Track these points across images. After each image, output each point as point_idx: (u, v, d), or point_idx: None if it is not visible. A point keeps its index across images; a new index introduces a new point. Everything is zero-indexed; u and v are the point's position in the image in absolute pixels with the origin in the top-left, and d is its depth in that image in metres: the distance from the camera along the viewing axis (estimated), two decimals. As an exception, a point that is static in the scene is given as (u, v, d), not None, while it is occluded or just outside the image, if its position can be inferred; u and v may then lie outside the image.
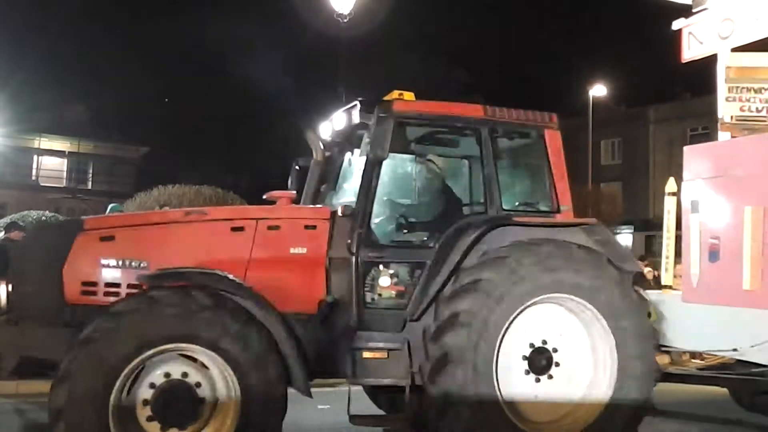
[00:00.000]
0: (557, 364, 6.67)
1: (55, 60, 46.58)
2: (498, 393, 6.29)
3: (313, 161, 7.29)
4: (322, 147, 7.31)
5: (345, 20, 18.66)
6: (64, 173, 45.97)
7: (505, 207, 7.00)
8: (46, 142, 44.65)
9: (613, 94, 44.78)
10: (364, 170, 6.63)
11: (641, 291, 8.93)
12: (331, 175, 7.46)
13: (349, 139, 7.15)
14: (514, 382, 6.53)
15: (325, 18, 21.65)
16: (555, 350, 6.73)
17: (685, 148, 8.97)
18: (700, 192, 8.66)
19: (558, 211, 7.11)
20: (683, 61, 9.40)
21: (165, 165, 40.56)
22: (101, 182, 45.91)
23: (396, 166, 7.38)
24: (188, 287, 5.67)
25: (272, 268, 6.40)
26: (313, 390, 6.13)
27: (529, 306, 6.53)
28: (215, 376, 5.81)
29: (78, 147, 44.82)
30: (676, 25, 9.58)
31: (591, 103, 42.57)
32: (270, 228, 6.50)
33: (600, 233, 6.89)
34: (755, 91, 7.97)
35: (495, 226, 6.53)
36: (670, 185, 9.19)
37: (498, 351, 6.36)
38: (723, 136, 8.91)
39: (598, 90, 42.96)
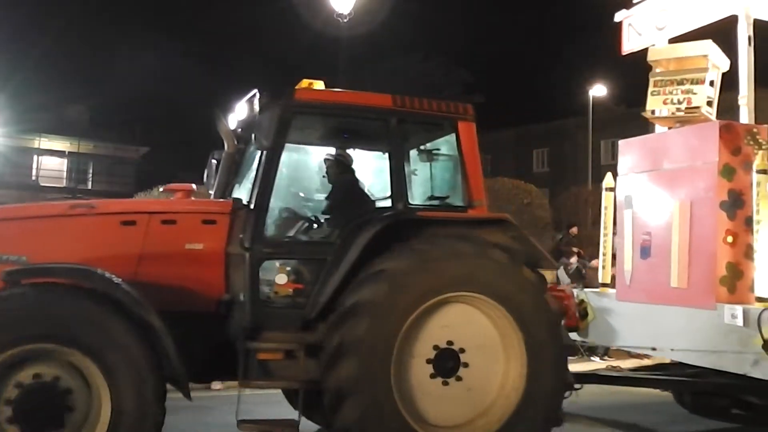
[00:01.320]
0: (465, 365, 6.31)
1: (55, 60, 46.67)
2: (394, 390, 5.97)
3: (225, 153, 7.05)
4: (233, 138, 6.99)
5: (345, 20, 18.54)
6: (64, 173, 46.06)
7: (414, 202, 6.71)
8: (46, 142, 44.74)
9: (613, 94, 44.32)
10: (258, 162, 6.37)
11: (571, 288, 8.77)
12: (239, 168, 7.20)
13: (251, 130, 6.85)
14: (417, 382, 6.20)
15: (325, 18, 21.51)
16: (462, 351, 6.32)
17: (620, 142, 8.80)
18: (633, 187, 8.48)
19: (471, 206, 6.68)
20: (623, 54, 9.21)
21: (165, 165, 40.57)
22: (101, 182, 45.93)
23: (300, 158, 7.12)
24: (51, 284, 5.37)
25: (166, 265, 6.10)
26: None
27: (435, 304, 6.17)
28: (90, 382, 5.40)
29: (78, 147, 44.82)
30: (618, 17, 9.39)
31: (591, 103, 42.19)
32: (164, 222, 6.20)
33: (512, 229, 6.65)
34: (677, 83, 7.76)
35: (396, 222, 6.30)
36: (608, 180, 9.01)
37: (399, 348, 6.03)
38: (660, 130, 8.71)
39: (598, 90, 42.57)
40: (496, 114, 39.33)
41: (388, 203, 6.62)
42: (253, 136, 6.17)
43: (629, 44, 9.17)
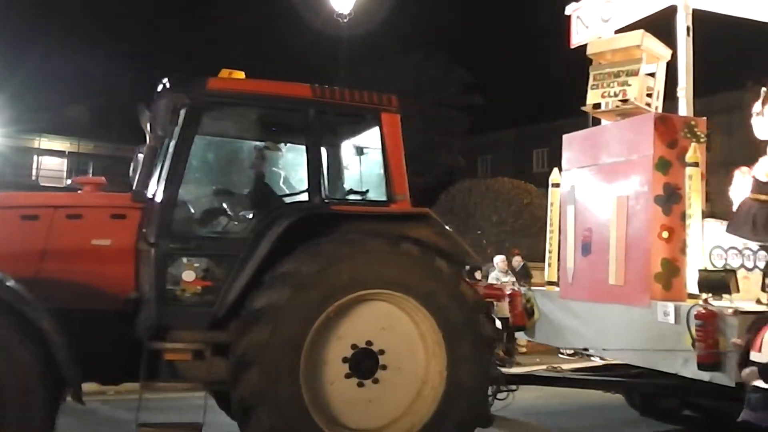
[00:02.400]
0: (384, 368, 6.09)
1: (55, 60, 46.75)
2: (305, 396, 5.74)
3: (146, 146, 6.86)
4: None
5: (345, 20, 18.41)
6: (64, 173, 46.13)
7: (333, 195, 6.56)
8: (46, 142, 44.78)
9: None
10: (166, 154, 6.18)
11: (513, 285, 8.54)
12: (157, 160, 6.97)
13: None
14: (332, 385, 5.98)
15: (325, 18, 21.36)
16: (381, 352, 6.11)
17: (564, 137, 8.59)
18: (575, 182, 8.28)
19: (393, 200, 6.41)
20: (572, 47, 9.00)
21: (164, 165, 40.45)
22: (101, 182, 45.99)
23: (214, 149, 6.90)
24: None
25: (70, 261, 5.88)
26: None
27: (349, 303, 5.99)
28: None
29: (78, 147, 44.89)
30: (567, 10, 9.19)
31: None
32: (69, 217, 5.99)
33: (433, 224, 6.45)
34: (614, 76, 7.55)
35: (308, 217, 6.08)
36: (554, 176, 8.81)
37: (309, 351, 5.81)
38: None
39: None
40: (496, 114, 39.05)
41: (302, 197, 6.43)
42: (162, 127, 5.96)
43: (577, 37, 8.97)
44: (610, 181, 7.63)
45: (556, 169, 8.74)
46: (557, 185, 8.70)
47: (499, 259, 13.40)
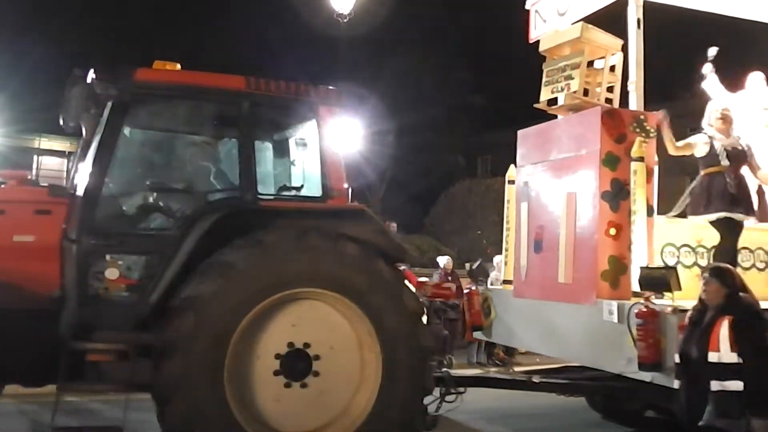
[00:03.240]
0: (316, 374, 5.92)
1: (55, 60, 46.82)
2: (229, 394, 5.57)
3: (82, 140, 6.73)
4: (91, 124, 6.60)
5: (345, 20, 18.33)
6: (64, 173, 46.17)
7: (267, 191, 6.38)
8: (46, 142, 44.86)
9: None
10: (91, 147, 6.01)
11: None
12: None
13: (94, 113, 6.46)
14: (262, 385, 5.81)
15: (325, 18, 21.30)
16: (316, 354, 5.93)
17: (519, 132, 8.42)
18: (529, 178, 8.11)
19: (329, 196, 6.29)
20: (530, 41, 8.81)
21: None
22: (101, 182, 46.03)
23: (143, 143, 6.70)
24: None
25: None
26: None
27: (283, 300, 5.84)
28: None
29: (78, 147, 44.90)
30: (528, 4, 9.01)
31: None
32: None
33: (369, 221, 6.30)
34: (561, 71, 7.39)
35: (236, 213, 5.91)
36: (510, 173, 8.64)
37: (237, 347, 5.64)
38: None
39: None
40: (496, 114, 38.87)
41: (234, 193, 6.27)
42: (74, 117, 5.80)
43: (535, 32, 8.78)
44: (561, 177, 7.45)
45: (512, 166, 8.57)
46: (513, 182, 8.53)
47: (499, 259, 13.11)
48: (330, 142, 6.42)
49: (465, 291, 8.90)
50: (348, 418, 6.02)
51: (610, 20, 7.80)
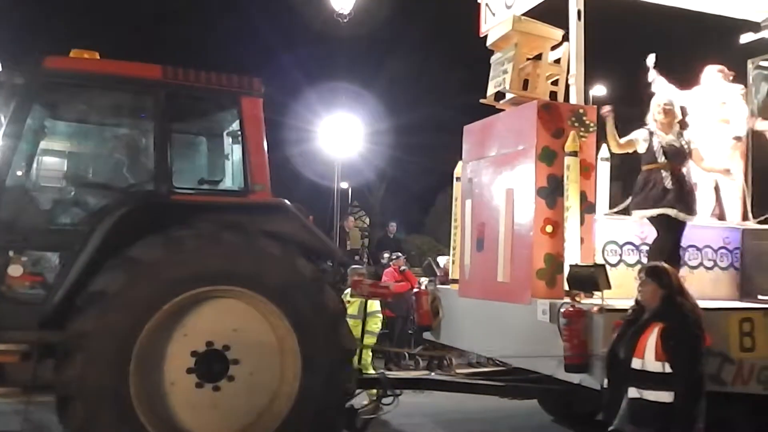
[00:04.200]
0: (231, 378, 5.75)
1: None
2: (134, 395, 5.36)
3: None
4: None
5: (345, 20, 18.22)
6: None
7: (184, 184, 6.16)
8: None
9: (612, 94, 43.33)
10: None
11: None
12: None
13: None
14: (174, 386, 5.63)
15: (325, 18, 21.20)
16: (232, 355, 5.77)
17: (465, 128, 8.23)
18: (473, 174, 7.91)
19: (251, 190, 6.07)
20: (481, 35, 8.59)
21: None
22: (102, 183, 46.12)
23: (53, 133, 6.45)
24: None
25: None
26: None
27: (197, 299, 5.66)
28: None
29: (78, 148, 45.02)
30: (481, -1, 8.80)
31: (591, 103, 41.19)
32: None
33: (291, 217, 6.12)
34: (501, 65, 7.20)
35: (146, 207, 5.71)
36: (457, 169, 8.43)
37: (145, 346, 5.44)
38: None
39: (598, 90, 41.62)
40: (496, 113, 38.48)
41: (148, 186, 6.07)
42: None
43: (485, 26, 8.55)
44: (501, 173, 7.25)
45: (460, 162, 8.36)
46: (459, 179, 8.33)
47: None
48: (253, 134, 6.21)
49: (414, 291, 8.70)
50: (264, 421, 5.84)
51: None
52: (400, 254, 13.50)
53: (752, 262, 7.32)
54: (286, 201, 6.15)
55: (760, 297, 7.09)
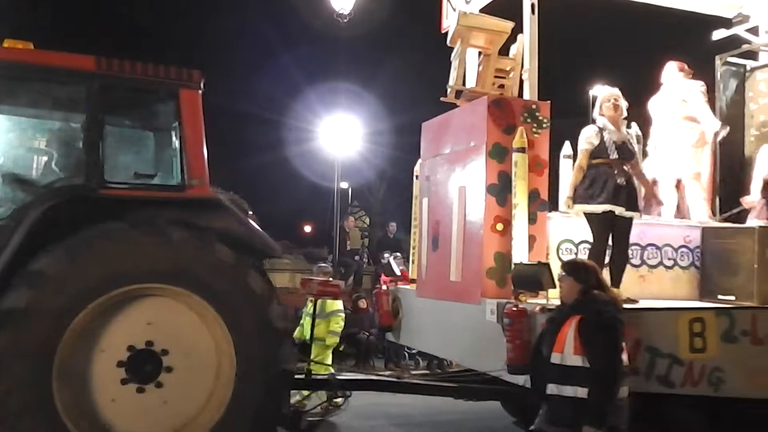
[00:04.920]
0: (169, 369, 5.60)
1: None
2: (58, 406, 5.19)
3: None
4: None
5: (345, 20, 18.15)
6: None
7: (117, 179, 5.92)
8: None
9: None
10: None
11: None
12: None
13: None
14: (103, 388, 5.45)
15: (325, 18, 21.15)
16: (165, 353, 5.60)
17: (423, 124, 8.08)
18: (429, 172, 7.77)
19: (189, 185, 5.87)
20: (442, 31, 8.47)
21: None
22: (101, 184, 46.08)
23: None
24: None
25: None
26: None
27: (124, 297, 5.50)
28: None
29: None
30: (444, -6, 8.68)
31: (591, 103, 41.04)
32: None
33: (225, 212, 5.90)
34: (454, 59, 7.07)
35: (72, 201, 5.49)
36: (417, 167, 8.30)
37: (66, 354, 5.27)
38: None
39: (598, 90, 41.40)
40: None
41: (78, 180, 5.81)
42: None
43: (447, 21, 8.44)
44: (454, 170, 7.11)
45: (419, 160, 8.23)
46: (418, 177, 8.19)
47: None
48: (191, 128, 6.05)
49: (374, 291, 8.56)
50: (201, 417, 5.71)
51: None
52: (399, 254, 13.37)
53: (712, 261, 7.14)
54: (221, 197, 6.01)
55: (720, 297, 6.92)
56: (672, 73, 8.11)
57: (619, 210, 6.24)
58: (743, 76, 9.01)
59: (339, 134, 19.93)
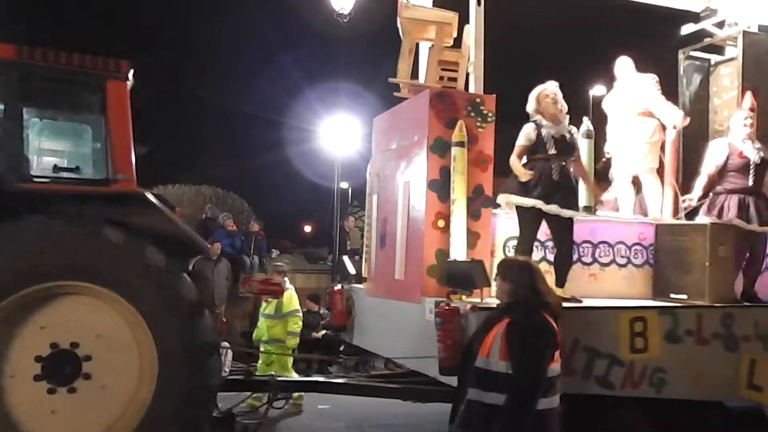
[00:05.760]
0: (87, 376, 5.44)
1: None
2: None
3: None
4: None
5: (345, 20, 18.03)
6: (64, 175, 46.34)
7: (39, 172, 5.81)
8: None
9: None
10: None
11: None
12: None
13: None
14: (19, 392, 5.29)
15: (325, 18, 21.03)
16: (87, 356, 5.44)
17: (374, 119, 7.90)
18: (379, 168, 7.60)
19: (113, 179, 5.70)
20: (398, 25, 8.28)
21: (165, 165, 40.35)
22: (102, 183, 46.09)
23: None
24: None
25: None
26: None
27: (45, 296, 5.34)
28: None
29: None
30: (404, -13, 8.48)
31: (591, 103, 40.76)
32: None
33: (149, 207, 5.73)
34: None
35: None
36: (370, 163, 8.12)
37: None
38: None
39: (598, 90, 41.17)
40: (497, 112, 38.32)
41: None
42: None
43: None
44: (399, 166, 6.93)
45: (372, 157, 8.05)
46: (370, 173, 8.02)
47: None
48: (118, 121, 5.88)
49: (327, 290, 8.40)
50: (125, 420, 5.55)
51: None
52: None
53: (666, 259, 6.94)
54: (147, 192, 5.86)
55: (672, 296, 6.72)
56: (624, 68, 7.90)
57: (548, 207, 6.04)
58: (708, 71, 8.80)
59: (339, 134, 19.82)
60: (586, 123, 7.67)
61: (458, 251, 6.06)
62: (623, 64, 7.88)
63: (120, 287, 5.47)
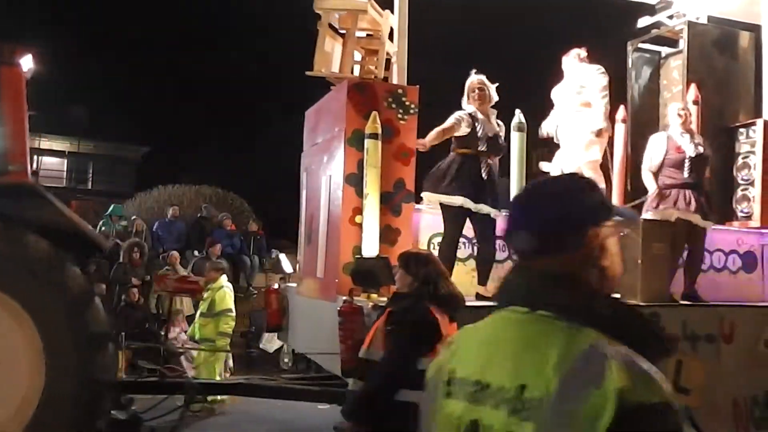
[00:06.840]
0: None
1: (55, 60, 47.05)
2: None
3: None
4: None
5: None
6: (64, 173, 46.33)
7: None
8: (45, 142, 45.05)
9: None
10: None
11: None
12: None
13: None
14: None
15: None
16: None
17: (305, 113, 7.66)
18: (306, 163, 7.37)
19: (4, 170, 5.48)
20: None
21: (165, 165, 40.32)
22: (101, 182, 45.87)
23: None
24: None
25: None
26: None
27: None
28: None
29: (78, 147, 45.03)
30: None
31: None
32: None
33: (40, 200, 5.48)
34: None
35: None
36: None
37: None
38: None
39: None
40: (497, 112, 38.07)
41: None
42: None
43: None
44: (323, 160, 6.70)
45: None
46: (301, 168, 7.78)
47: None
48: (10, 108, 5.65)
49: (263, 289, 8.17)
50: (17, 416, 5.33)
51: None
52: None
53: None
54: (34, 182, 5.63)
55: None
56: (570, 59, 7.62)
57: (477, 207, 5.81)
58: (658, 64, 8.51)
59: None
60: (518, 115, 7.42)
61: (370, 248, 5.81)
62: (572, 54, 7.60)
63: (5, 284, 5.24)
